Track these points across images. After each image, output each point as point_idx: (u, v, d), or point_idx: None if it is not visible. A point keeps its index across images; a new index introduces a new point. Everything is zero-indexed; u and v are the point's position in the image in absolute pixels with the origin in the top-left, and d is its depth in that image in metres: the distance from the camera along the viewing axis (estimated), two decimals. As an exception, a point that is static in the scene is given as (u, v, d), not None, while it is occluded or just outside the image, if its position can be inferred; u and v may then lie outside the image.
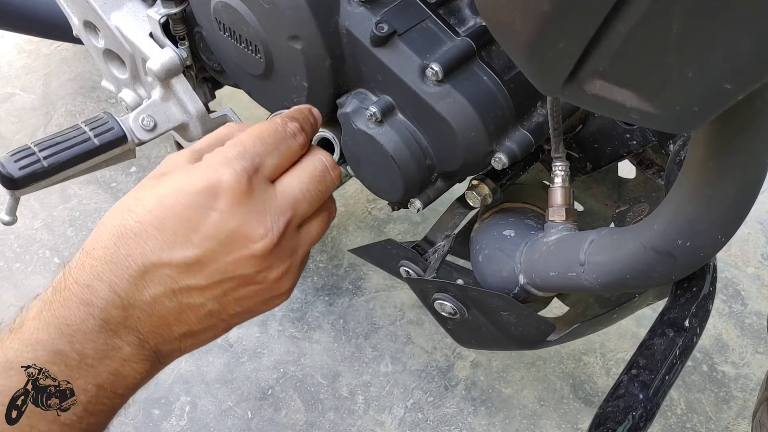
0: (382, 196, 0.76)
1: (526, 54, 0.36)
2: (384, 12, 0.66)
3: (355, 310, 1.41)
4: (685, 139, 0.67)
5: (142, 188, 0.47)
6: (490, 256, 0.75)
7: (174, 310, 0.45)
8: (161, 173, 0.48)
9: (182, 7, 0.87)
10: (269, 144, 0.50)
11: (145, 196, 0.46)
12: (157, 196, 0.45)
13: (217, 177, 0.45)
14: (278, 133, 0.51)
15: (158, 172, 0.48)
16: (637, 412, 0.58)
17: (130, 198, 0.46)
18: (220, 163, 0.46)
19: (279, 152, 0.50)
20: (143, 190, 0.46)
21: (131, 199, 0.46)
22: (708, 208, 0.49)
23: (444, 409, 1.26)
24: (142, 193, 0.46)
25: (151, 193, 0.46)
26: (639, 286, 0.59)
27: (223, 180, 0.45)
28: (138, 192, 0.46)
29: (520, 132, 0.69)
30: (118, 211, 0.46)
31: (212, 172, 0.46)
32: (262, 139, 0.50)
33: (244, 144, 0.48)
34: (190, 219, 0.44)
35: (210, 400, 1.27)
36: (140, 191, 0.46)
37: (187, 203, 0.45)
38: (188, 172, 0.46)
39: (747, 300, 1.42)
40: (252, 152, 0.48)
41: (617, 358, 1.33)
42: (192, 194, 0.45)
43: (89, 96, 1.81)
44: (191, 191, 0.45)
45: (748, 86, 0.31)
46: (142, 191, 0.46)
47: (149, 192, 0.46)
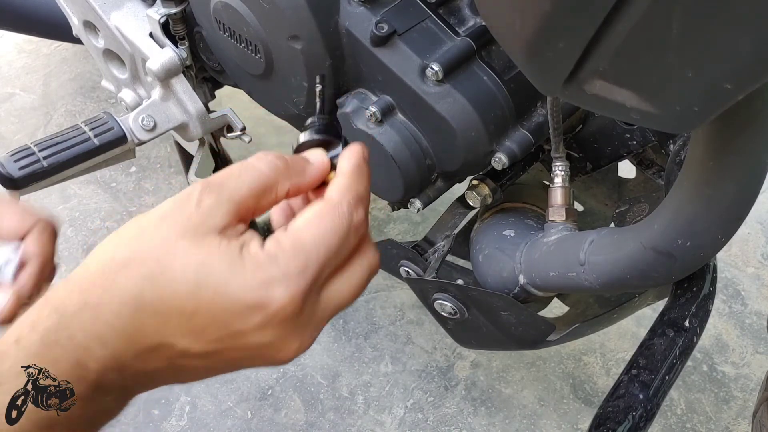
0: (382, 196, 0.76)
1: (526, 54, 0.36)
2: (384, 12, 0.66)
3: (355, 310, 1.41)
4: (685, 139, 0.67)
5: (171, 255, 0.38)
6: (490, 256, 0.75)
7: (170, 373, 0.41)
8: (196, 232, 0.39)
9: (182, 7, 0.87)
10: (334, 247, 0.41)
11: (175, 269, 0.38)
12: (194, 283, 0.38)
13: (269, 296, 0.39)
14: (344, 230, 0.42)
15: (191, 226, 0.39)
16: (637, 412, 0.58)
17: (152, 260, 0.38)
18: (277, 280, 0.39)
19: (341, 255, 0.42)
20: (173, 258, 0.38)
21: (154, 264, 0.38)
22: (708, 208, 0.49)
23: (444, 409, 1.26)
24: (170, 263, 0.38)
25: (185, 274, 0.38)
26: (639, 286, 0.59)
27: (275, 300, 0.39)
28: (165, 258, 0.38)
29: (520, 132, 0.69)
30: (135, 270, 0.38)
31: (265, 289, 0.38)
32: (328, 243, 0.41)
33: (307, 254, 0.40)
34: (226, 324, 0.39)
35: (210, 400, 1.27)
36: (168, 258, 0.38)
37: (228, 309, 0.39)
38: (235, 272, 0.38)
39: (747, 300, 1.42)
40: (315, 265, 0.40)
41: (617, 358, 1.33)
42: (235, 303, 0.38)
43: (89, 96, 1.81)
44: (235, 300, 0.38)
45: (748, 86, 0.31)
46: (172, 260, 0.38)
47: (181, 268, 0.38)
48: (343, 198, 0.42)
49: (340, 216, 0.41)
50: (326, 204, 0.41)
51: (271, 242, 0.39)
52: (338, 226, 0.41)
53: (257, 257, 0.39)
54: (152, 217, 0.39)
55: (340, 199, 0.42)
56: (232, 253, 0.38)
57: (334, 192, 0.42)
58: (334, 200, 0.41)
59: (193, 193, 0.39)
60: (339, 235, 0.41)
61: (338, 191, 0.42)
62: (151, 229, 0.39)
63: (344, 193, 0.42)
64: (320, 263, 0.40)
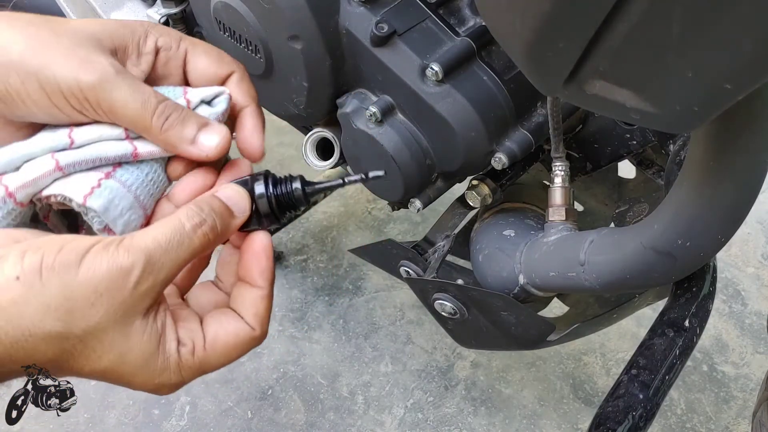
0: (382, 196, 0.76)
1: (526, 54, 0.36)
2: (384, 12, 0.66)
3: (355, 310, 1.41)
4: (685, 139, 0.67)
5: (97, 340, 0.39)
6: (490, 256, 0.75)
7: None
8: (126, 318, 0.39)
9: (182, 7, 0.87)
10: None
11: (95, 351, 0.39)
12: (107, 367, 0.40)
13: (160, 391, 0.43)
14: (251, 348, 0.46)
15: (123, 311, 0.39)
16: (637, 412, 0.58)
17: (77, 339, 0.38)
18: (174, 385, 0.42)
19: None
20: (96, 343, 0.39)
21: (79, 343, 0.38)
22: (708, 208, 0.49)
23: (444, 409, 1.26)
24: (94, 347, 0.39)
25: (101, 359, 0.39)
26: (639, 286, 0.59)
27: (162, 392, 0.43)
28: (91, 342, 0.39)
29: (520, 132, 0.69)
30: (59, 344, 0.38)
31: (160, 388, 0.42)
32: (231, 361, 0.45)
33: (210, 369, 0.44)
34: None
35: (210, 400, 1.27)
36: (93, 342, 0.39)
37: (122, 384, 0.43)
38: (145, 368, 0.41)
39: (747, 300, 1.42)
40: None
41: (617, 358, 1.33)
42: (132, 386, 0.42)
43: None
44: (133, 386, 0.42)
45: (748, 86, 0.31)
46: (95, 345, 0.39)
47: (99, 354, 0.39)
48: (264, 329, 0.45)
49: (255, 344, 0.45)
50: (248, 335, 0.44)
51: (187, 351, 0.42)
52: (248, 350, 0.45)
53: (169, 361, 0.41)
54: (86, 288, 0.38)
55: (261, 332, 0.45)
56: (151, 345, 0.40)
57: (256, 322, 0.45)
58: (256, 334, 0.44)
59: (133, 271, 0.38)
60: (241, 357, 0.45)
61: (259, 322, 0.45)
62: (85, 306, 0.38)
63: (264, 324, 0.46)
64: (212, 371, 0.44)
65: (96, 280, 0.38)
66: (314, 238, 1.54)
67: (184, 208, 0.42)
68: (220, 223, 0.43)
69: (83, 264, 0.37)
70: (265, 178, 0.46)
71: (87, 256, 0.38)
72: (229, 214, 0.44)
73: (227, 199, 0.44)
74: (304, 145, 0.79)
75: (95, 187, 0.43)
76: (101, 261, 0.38)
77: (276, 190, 0.46)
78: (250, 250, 0.46)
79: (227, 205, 0.44)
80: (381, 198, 0.76)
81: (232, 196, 0.45)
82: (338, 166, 0.79)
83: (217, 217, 0.43)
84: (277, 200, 0.46)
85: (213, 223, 0.42)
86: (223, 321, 0.44)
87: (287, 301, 1.42)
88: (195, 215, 0.42)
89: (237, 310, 0.45)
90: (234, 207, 0.45)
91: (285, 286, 1.45)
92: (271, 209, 0.46)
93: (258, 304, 0.45)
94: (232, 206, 0.44)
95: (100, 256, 0.38)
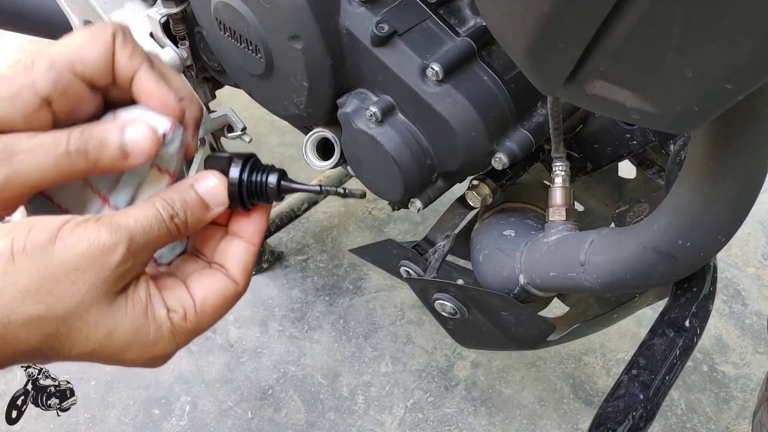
0: (383, 196, 0.76)
1: (526, 54, 0.36)
2: (384, 12, 0.66)
3: (355, 310, 1.41)
4: (685, 139, 0.67)
5: (81, 320, 0.38)
6: (490, 256, 0.75)
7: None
8: (108, 295, 0.38)
9: (182, 6, 0.87)
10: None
11: (81, 333, 0.39)
12: (96, 347, 0.39)
13: (156, 362, 0.42)
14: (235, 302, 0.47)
15: (105, 289, 0.38)
16: (638, 412, 0.58)
17: (61, 320, 0.37)
18: (169, 354, 0.42)
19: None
20: (82, 324, 0.38)
21: (62, 324, 0.38)
22: (708, 208, 0.49)
23: (444, 409, 1.26)
24: (79, 328, 0.38)
25: (89, 340, 0.39)
26: (639, 286, 0.59)
27: (157, 363, 0.43)
28: (75, 323, 0.38)
29: (521, 132, 0.69)
30: (41, 328, 0.38)
31: (155, 359, 0.42)
32: (219, 318, 0.46)
33: (201, 331, 0.44)
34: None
35: (210, 400, 1.27)
36: (78, 323, 0.38)
37: (117, 363, 0.43)
38: (137, 340, 0.40)
39: (747, 300, 1.42)
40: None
41: (617, 358, 1.33)
42: (126, 363, 0.42)
43: (89, 96, 1.81)
44: (126, 362, 0.41)
45: (748, 86, 0.31)
46: (81, 325, 0.38)
47: (87, 334, 0.39)
48: (247, 283, 0.45)
49: (238, 299, 0.45)
50: (233, 291, 0.44)
51: (179, 317, 0.41)
52: (232, 306, 0.45)
53: (161, 330, 0.40)
54: (66, 268, 0.37)
55: (244, 286, 0.45)
56: (138, 317, 0.40)
57: (242, 277, 0.45)
58: (239, 289, 0.44)
59: (117, 249, 0.38)
60: (228, 311, 0.45)
61: (245, 278, 0.45)
62: (65, 285, 0.37)
63: (248, 278, 0.45)
64: (203, 333, 0.43)
65: (77, 257, 0.37)
66: (314, 237, 1.54)
67: (159, 197, 0.42)
68: (191, 217, 0.43)
69: (58, 242, 0.36)
70: (244, 162, 0.45)
71: (61, 234, 0.37)
72: (203, 206, 0.44)
73: (205, 192, 0.44)
74: (305, 145, 0.79)
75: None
76: (79, 238, 0.37)
77: (251, 177, 0.45)
78: (255, 211, 0.46)
79: (203, 198, 0.44)
80: (381, 198, 0.76)
81: (210, 188, 0.44)
82: (338, 166, 0.79)
83: (189, 211, 0.43)
84: (248, 187, 0.45)
85: (184, 217, 0.42)
86: (207, 282, 0.43)
87: (287, 301, 1.42)
88: (168, 207, 0.42)
89: (223, 263, 0.45)
90: (210, 200, 0.44)
91: (285, 286, 1.45)
92: (240, 196, 0.45)
93: (248, 259, 0.45)
94: (208, 199, 0.44)
95: (77, 233, 0.37)
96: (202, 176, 0.44)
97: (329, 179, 1.47)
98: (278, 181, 0.45)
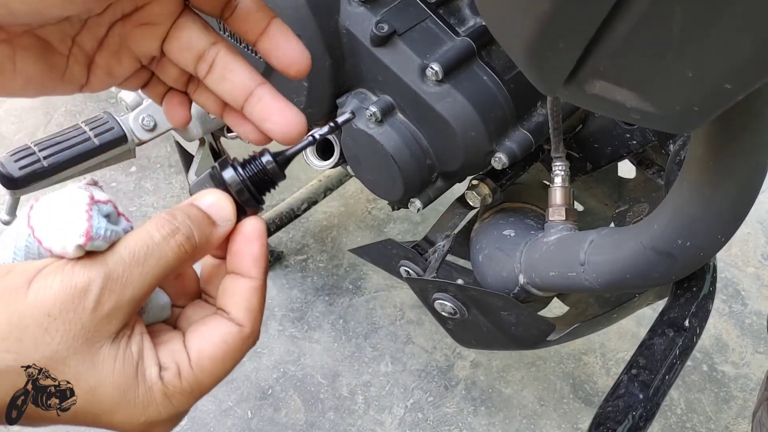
0: (382, 196, 0.76)
1: (526, 54, 0.36)
2: (384, 12, 0.66)
3: (355, 310, 1.41)
4: (685, 139, 0.67)
5: (58, 372, 0.34)
6: (490, 256, 0.75)
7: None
8: (89, 344, 0.34)
9: (182, 6, 0.87)
10: (228, 372, 0.40)
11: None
12: (78, 407, 0.34)
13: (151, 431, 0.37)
14: (244, 354, 0.40)
15: (84, 336, 0.33)
16: (637, 411, 0.58)
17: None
18: (166, 421, 0.36)
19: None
20: (59, 375, 0.34)
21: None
22: (708, 208, 0.49)
23: (444, 408, 1.26)
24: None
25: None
26: (639, 286, 0.59)
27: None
28: (52, 374, 0.34)
29: (520, 132, 0.69)
30: (13, 381, 0.34)
31: (150, 427, 0.36)
32: (226, 374, 0.39)
33: (202, 392, 0.38)
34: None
35: (210, 400, 1.27)
36: (55, 374, 0.34)
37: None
38: (125, 401, 0.35)
39: (747, 300, 1.42)
40: (205, 393, 0.39)
41: (617, 357, 1.33)
42: (115, 429, 0.37)
43: (89, 96, 1.80)
44: (115, 428, 0.36)
45: (748, 86, 0.31)
46: (58, 376, 0.34)
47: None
48: (256, 326, 0.39)
49: (246, 349, 0.39)
50: (238, 337, 0.38)
51: (171, 375, 0.36)
52: (241, 357, 0.38)
53: (152, 391, 0.35)
54: (36, 311, 0.33)
55: (252, 329, 0.38)
56: (126, 375, 0.34)
57: (247, 318, 0.38)
58: (246, 332, 0.38)
59: (90, 289, 0.33)
60: (237, 363, 0.38)
61: (251, 318, 0.39)
62: (37, 333, 0.33)
63: (257, 321, 0.39)
64: (209, 390, 0.38)
65: (49, 301, 0.32)
66: (314, 237, 1.54)
67: (154, 218, 0.36)
68: (198, 233, 0.37)
69: (33, 285, 0.33)
70: (225, 163, 0.41)
71: (38, 277, 0.33)
72: (209, 222, 0.38)
73: (207, 207, 0.38)
74: (304, 145, 0.79)
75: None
76: (53, 280, 0.33)
77: (247, 172, 0.40)
78: (241, 236, 0.39)
79: (207, 213, 0.38)
80: (381, 198, 0.76)
81: (213, 204, 0.39)
82: (338, 165, 0.79)
83: (193, 225, 0.37)
84: (251, 178, 0.40)
85: (189, 232, 0.36)
86: (205, 332, 0.38)
87: (287, 301, 1.42)
88: (166, 224, 0.36)
89: (225, 308, 0.39)
90: (215, 215, 0.38)
91: (285, 286, 1.45)
92: (250, 193, 0.40)
93: (250, 297, 0.38)
94: (213, 214, 0.38)
95: (53, 276, 0.33)
96: (197, 196, 0.39)
97: (329, 179, 1.47)
98: (273, 157, 0.41)
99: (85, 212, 0.34)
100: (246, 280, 0.39)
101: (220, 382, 0.39)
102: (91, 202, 0.35)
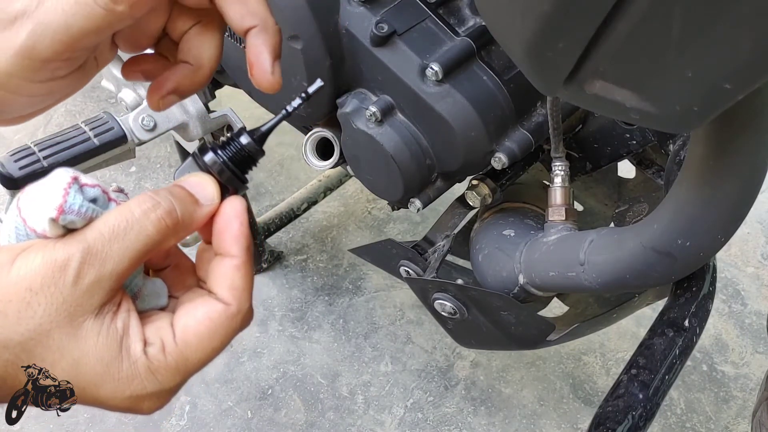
0: (382, 196, 0.76)
1: (526, 54, 0.36)
2: (384, 12, 0.66)
3: (355, 310, 1.41)
4: (685, 139, 0.67)
5: (42, 346, 0.34)
6: (490, 256, 0.75)
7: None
8: (71, 318, 0.34)
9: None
10: (217, 352, 0.40)
11: (44, 363, 0.35)
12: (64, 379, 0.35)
13: (139, 407, 0.37)
14: (233, 337, 0.40)
15: (66, 310, 0.34)
16: (637, 411, 0.58)
17: (19, 346, 0.34)
18: (151, 396, 0.37)
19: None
20: (43, 350, 0.34)
21: (21, 351, 0.34)
22: (708, 208, 0.49)
23: (444, 408, 1.26)
24: (40, 354, 0.35)
25: (54, 369, 0.35)
26: (639, 285, 0.59)
27: (143, 411, 0.38)
28: (35, 349, 0.34)
29: (520, 132, 0.69)
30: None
31: (136, 401, 0.37)
32: (214, 353, 0.39)
33: (189, 370, 0.38)
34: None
35: (210, 400, 1.27)
36: (39, 349, 0.34)
37: (93, 404, 0.37)
38: (110, 375, 0.35)
39: (747, 300, 1.42)
40: (192, 373, 0.39)
41: (617, 357, 1.33)
42: (102, 404, 0.37)
43: (89, 96, 1.81)
44: (103, 402, 0.37)
45: (748, 86, 0.31)
46: (42, 351, 0.34)
47: (51, 363, 0.35)
48: (242, 304, 0.39)
49: (234, 327, 0.38)
50: (223, 314, 0.38)
51: (156, 350, 0.36)
52: (230, 336, 0.38)
53: (136, 365, 0.35)
54: (18, 287, 0.33)
55: (239, 307, 0.39)
56: (110, 349, 0.35)
57: (231, 296, 0.38)
58: (232, 310, 0.38)
59: (70, 264, 0.34)
60: (226, 342, 0.38)
61: (236, 296, 0.39)
62: (19, 307, 0.33)
63: (242, 298, 0.39)
64: (198, 369, 0.38)
65: (30, 276, 0.33)
66: (314, 237, 1.54)
67: (135, 197, 0.37)
68: (180, 209, 0.37)
69: (16, 263, 0.34)
70: (205, 147, 0.41)
71: (21, 255, 0.34)
72: (192, 200, 0.38)
73: (190, 186, 0.39)
74: (304, 145, 0.79)
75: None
76: (35, 257, 0.33)
77: (227, 153, 0.41)
78: (221, 216, 0.40)
79: (189, 191, 0.39)
80: (381, 198, 0.76)
81: (196, 183, 0.39)
82: (338, 165, 0.79)
83: (176, 201, 0.37)
84: (231, 158, 0.41)
85: (170, 206, 0.37)
86: (190, 309, 0.38)
87: (287, 300, 1.42)
88: (147, 200, 0.36)
89: (212, 288, 0.39)
90: (199, 194, 0.39)
91: (285, 286, 1.45)
92: (231, 171, 0.41)
93: (232, 275, 0.38)
94: (196, 193, 0.39)
95: (34, 254, 0.34)
96: (181, 179, 0.40)
97: (329, 179, 1.47)
98: (249, 134, 0.42)
99: (63, 189, 0.35)
100: (228, 259, 0.39)
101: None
102: (72, 181, 0.35)
